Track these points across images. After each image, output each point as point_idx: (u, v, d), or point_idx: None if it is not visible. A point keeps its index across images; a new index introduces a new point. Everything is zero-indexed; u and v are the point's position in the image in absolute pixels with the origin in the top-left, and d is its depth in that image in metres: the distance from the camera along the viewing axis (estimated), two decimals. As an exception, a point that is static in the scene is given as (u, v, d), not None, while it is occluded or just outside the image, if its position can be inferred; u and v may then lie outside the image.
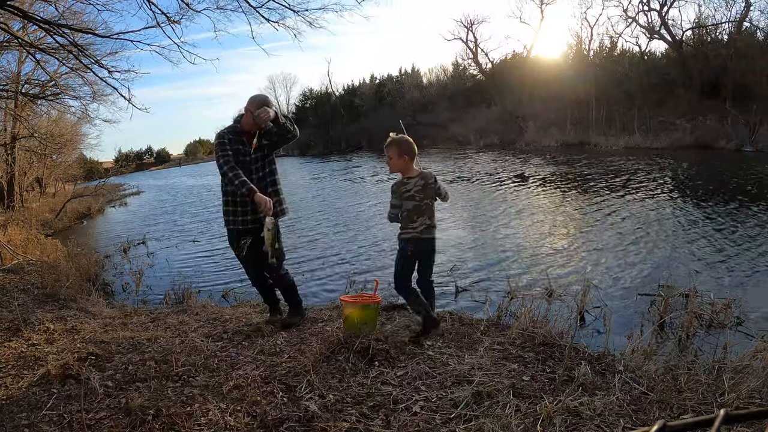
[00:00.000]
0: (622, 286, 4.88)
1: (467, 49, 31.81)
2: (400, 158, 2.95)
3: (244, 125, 3.23)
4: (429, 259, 3.10)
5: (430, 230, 3.00)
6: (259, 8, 6.97)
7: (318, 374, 2.53)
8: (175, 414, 2.19)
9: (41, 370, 2.73)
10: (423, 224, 2.95)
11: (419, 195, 2.95)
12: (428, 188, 2.97)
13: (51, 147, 15.38)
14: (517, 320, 3.20)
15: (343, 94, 41.09)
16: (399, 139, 2.98)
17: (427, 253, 3.06)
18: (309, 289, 5.56)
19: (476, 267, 5.87)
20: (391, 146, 2.96)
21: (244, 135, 3.24)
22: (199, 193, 20.43)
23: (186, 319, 3.87)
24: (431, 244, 3.05)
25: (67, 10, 8.02)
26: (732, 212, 7.63)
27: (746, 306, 4.04)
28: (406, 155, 2.95)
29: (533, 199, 10.27)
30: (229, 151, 3.16)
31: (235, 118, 3.38)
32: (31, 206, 14.56)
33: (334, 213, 11.17)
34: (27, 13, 6.81)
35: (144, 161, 61.77)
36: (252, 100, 3.20)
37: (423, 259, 3.07)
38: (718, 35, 21.39)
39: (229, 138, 3.20)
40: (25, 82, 11.97)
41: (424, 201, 2.97)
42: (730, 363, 2.50)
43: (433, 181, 3.00)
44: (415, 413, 2.13)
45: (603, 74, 23.66)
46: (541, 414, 2.00)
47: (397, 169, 3.00)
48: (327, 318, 3.63)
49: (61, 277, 5.32)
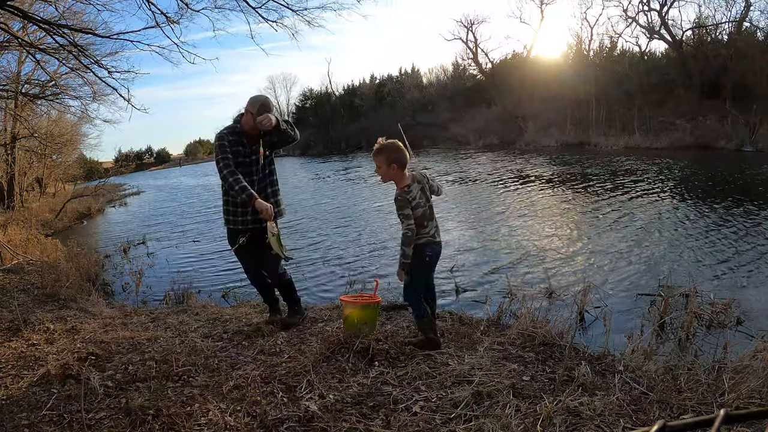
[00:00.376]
0: (622, 286, 4.88)
1: (467, 49, 31.85)
2: (389, 167, 2.72)
3: (244, 126, 3.20)
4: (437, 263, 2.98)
5: (438, 232, 2.89)
6: (259, 8, 6.98)
7: (318, 374, 2.53)
8: (175, 414, 2.19)
9: (41, 370, 2.73)
10: (432, 228, 2.83)
11: (422, 200, 2.80)
12: (426, 190, 2.85)
13: (51, 147, 15.39)
14: (517, 320, 3.20)
15: (343, 94, 41.09)
16: (388, 145, 2.75)
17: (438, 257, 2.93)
18: (309, 289, 5.56)
19: (476, 267, 5.87)
20: (379, 154, 2.74)
21: (244, 136, 3.21)
22: (200, 193, 20.43)
23: (186, 319, 3.87)
24: (441, 247, 2.92)
25: (67, 10, 8.03)
26: (732, 212, 7.63)
27: (746, 306, 4.04)
28: (394, 164, 2.72)
29: (533, 199, 10.27)
30: (228, 154, 3.13)
31: (235, 118, 3.35)
32: (31, 206, 14.57)
33: (334, 213, 11.17)
34: (27, 13, 6.81)
35: (144, 161, 61.79)
36: (252, 101, 3.16)
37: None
38: (718, 35, 21.41)
39: (229, 139, 3.17)
40: (25, 82, 11.98)
41: (428, 204, 2.84)
42: (730, 363, 2.50)
43: (426, 181, 2.87)
44: (415, 413, 2.13)
45: (603, 74, 23.66)
46: (541, 414, 2.00)
47: (388, 179, 2.78)
48: (327, 318, 3.63)
49: (61, 277, 5.32)
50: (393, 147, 2.75)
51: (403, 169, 2.75)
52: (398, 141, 2.81)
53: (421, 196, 2.78)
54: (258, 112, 3.09)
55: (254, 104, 3.12)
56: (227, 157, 3.12)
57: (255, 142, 3.23)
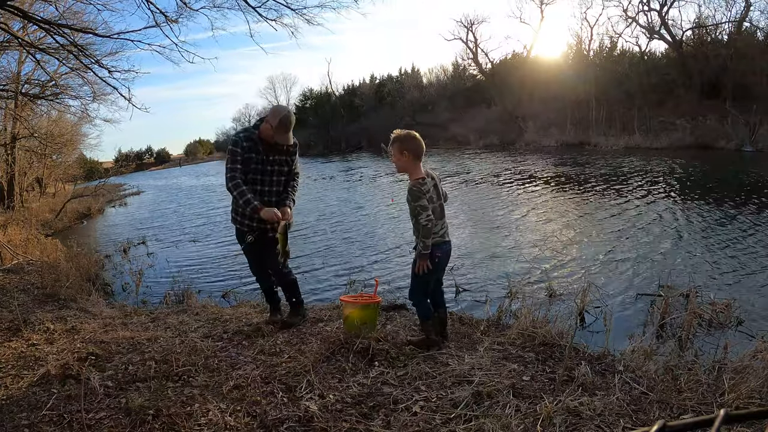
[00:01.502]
0: (622, 286, 4.88)
1: (467, 49, 31.87)
2: (401, 155, 2.71)
3: (263, 133, 3.17)
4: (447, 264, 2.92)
5: (448, 231, 2.84)
6: (258, 7, 6.98)
7: (318, 374, 2.53)
8: (175, 414, 2.19)
9: (41, 370, 2.73)
10: (443, 228, 2.78)
11: (435, 196, 2.76)
12: (438, 187, 2.81)
13: (51, 147, 15.39)
14: (517, 320, 3.20)
15: (343, 94, 41.11)
16: (402, 135, 2.76)
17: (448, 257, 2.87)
18: (309, 288, 5.56)
19: (476, 267, 5.87)
20: (394, 143, 2.74)
21: (261, 143, 3.17)
22: (200, 193, 20.43)
23: (186, 319, 3.87)
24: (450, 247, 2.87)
25: (67, 10, 8.04)
26: (732, 212, 7.63)
27: (746, 306, 4.04)
28: (407, 152, 2.71)
29: (533, 199, 10.27)
30: (238, 164, 3.12)
31: (254, 123, 3.29)
32: (31, 206, 14.56)
33: (334, 213, 11.17)
34: (27, 13, 6.81)
35: (144, 161, 61.78)
36: (274, 112, 3.11)
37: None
38: (718, 35, 21.41)
39: (243, 145, 3.14)
40: (25, 82, 11.97)
41: (438, 202, 2.79)
42: (730, 363, 2.49)
43: (438, 181, 2.86)
44: (415, 413, 2.13)
45: (603, 74, 23.66)
46: (541, 414, 2.00)
47: (402, 169, 2.77)
48: (327, 318, 3.63)
49: (61, 277, 5.32)
50: (407, 137, 2.74)
51: (417, 160, 2.73)
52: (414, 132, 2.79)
53: (434, 191, 2.75)
54: (278, 126, 3.06)
55: (275, 116, 3.08)
56: (235, 168, 3.12)
57: (271, 150, 3.20)
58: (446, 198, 2.93)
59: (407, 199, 2.71)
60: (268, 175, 3.22)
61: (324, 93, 41.98)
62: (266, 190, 3.22)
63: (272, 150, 3.19)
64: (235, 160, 3.12)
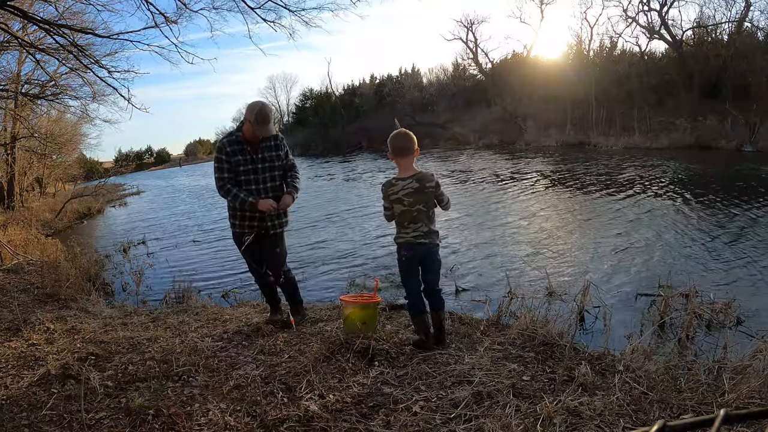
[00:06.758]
0: (622, 286, 4.88)
1: (467, 49, 31.79)
2: (391, 155, 2.78)
3: (245, 134, 3.20)
4: (430, 265, 2.81)
5: (429, 236, 2.74)
6: (257, 9, 6.99)
7: (318, 374, 2.53)
8: (175, 414, 2.19)
9: (41, 370, 2.73)
10: (417, 231, 2.72)
11: (408, 199, 2.68)
12: (423, 192, 2.71)
13: (51, 147, 15.37)
14: (517, 320, 3.20)
15: (343, 94, 41.07)
16: (393, 133, 2.80)
17: (424, 260, 2.79)
18: (309, 288, 5.56)
19: (476, 267, 5.87)
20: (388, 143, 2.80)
21: (246, 143, 3.20)
22: (200, 193, 20.42)
23: (186, 319, 3.87)
24: (429, 250, 2.76)
25: (67, 11, 8.05)
26: (732, 212, 7.63)
27: (746, 306, 4.04)
28: (390, 148, 2.77)
29: (533, 199, 10.27)
30: (225, 173, 3.18)
31: (237, 126, 3.32)
32: (31, 206, 14.56)
33: (334, 213, 11.16)
34: (27, 13, 6.81)
35: (144, 161, 61.82)
36: (250, 108, 3.15)
37: (423, 265, 2.81)
38: (718, 35, 21.41)
39: (227, 150, 3.18)
40: (25, 82, 11.98)
41: (416, 207, 2.69)
42: (730, 363, 2.49)
43: (434, 185, 2.72)
44: (415, 413, 2.13)
45: (603, 74, 23.65)
46: (541, 414, 2.00)
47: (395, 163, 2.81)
48: (327, 318, 3.63)
49: (61, 277, 5.31)
50: (394, 135, 2.80)
51: (399, 157, 2.75)
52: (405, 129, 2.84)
53: (407, 194, 2.70)
54: (255, 120, 3.09)
55: (251, 111, 3.12)
56: (222, 176, 3.19)
57: (258, 149, 3.22)
58: (447, 206, 2.87)
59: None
60: (260, 173, 3.24)
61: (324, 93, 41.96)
62: (261, 188, 3.24)
63: (259, 148, 3.22)
64: (221, 167, 3.19)
